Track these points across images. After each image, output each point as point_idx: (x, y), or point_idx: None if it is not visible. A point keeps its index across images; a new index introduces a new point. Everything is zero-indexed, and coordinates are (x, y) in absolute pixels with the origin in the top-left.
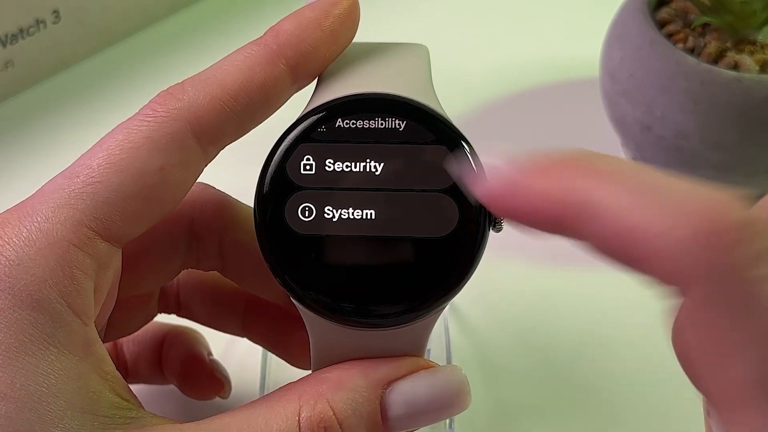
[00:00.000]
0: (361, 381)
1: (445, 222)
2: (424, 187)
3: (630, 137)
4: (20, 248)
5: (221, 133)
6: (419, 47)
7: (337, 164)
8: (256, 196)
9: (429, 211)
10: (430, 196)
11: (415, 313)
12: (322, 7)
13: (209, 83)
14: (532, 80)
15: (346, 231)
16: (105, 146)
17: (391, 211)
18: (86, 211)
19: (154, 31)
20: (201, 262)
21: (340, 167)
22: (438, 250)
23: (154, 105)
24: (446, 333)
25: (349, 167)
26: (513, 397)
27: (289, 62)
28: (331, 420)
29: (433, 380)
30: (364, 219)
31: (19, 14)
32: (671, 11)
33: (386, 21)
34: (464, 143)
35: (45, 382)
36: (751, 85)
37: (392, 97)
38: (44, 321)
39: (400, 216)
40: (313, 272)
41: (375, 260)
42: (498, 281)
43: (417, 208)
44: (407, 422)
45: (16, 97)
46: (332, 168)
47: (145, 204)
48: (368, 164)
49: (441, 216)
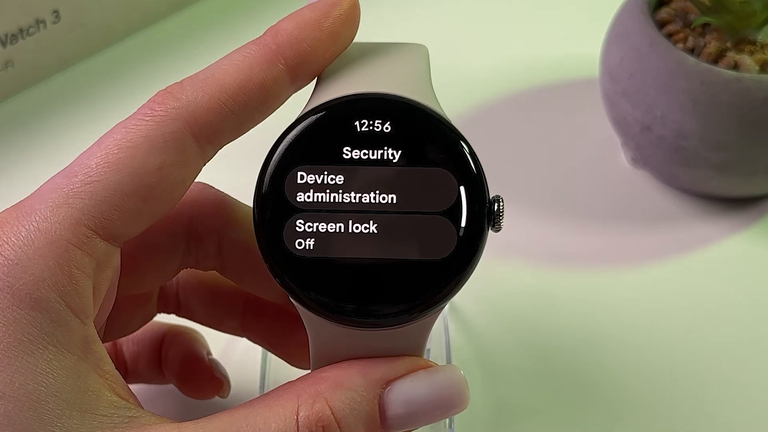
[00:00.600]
0: (359, 380)
1: (445, 242)
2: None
3: (630, 137)
4: (19, 248)
5: (220, 132)
6: (419, 47)
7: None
8: (256, 195)
9: (428, 230)
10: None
11: (414, 313)
12: (322, 8)
13: (208, 83)
14: (532, 80)
15: (345, 231)
16: (103, 145)
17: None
18: (84, 210)
19: (154, 31)
20: (200, 262)
21: (341, 166)
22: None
23: (152, 104)
24: (446, 332)
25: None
26: (512, 397)
27: (288, 62)
28: (330, 419)
29: (432, 380)
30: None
31: (19, 14)
32: (671, 11)
33: (386, 21)
34: (463, 143)
35: (44, 381)
36: (751, 85)
37: (392, 98)
38: (43, 320)
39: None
40: (312, 272)
41: (374, 260)
42: (498, 281)
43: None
44: (406, 422)
45: (16, 97)
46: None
47: (143, 203)
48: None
49: (440, 235)
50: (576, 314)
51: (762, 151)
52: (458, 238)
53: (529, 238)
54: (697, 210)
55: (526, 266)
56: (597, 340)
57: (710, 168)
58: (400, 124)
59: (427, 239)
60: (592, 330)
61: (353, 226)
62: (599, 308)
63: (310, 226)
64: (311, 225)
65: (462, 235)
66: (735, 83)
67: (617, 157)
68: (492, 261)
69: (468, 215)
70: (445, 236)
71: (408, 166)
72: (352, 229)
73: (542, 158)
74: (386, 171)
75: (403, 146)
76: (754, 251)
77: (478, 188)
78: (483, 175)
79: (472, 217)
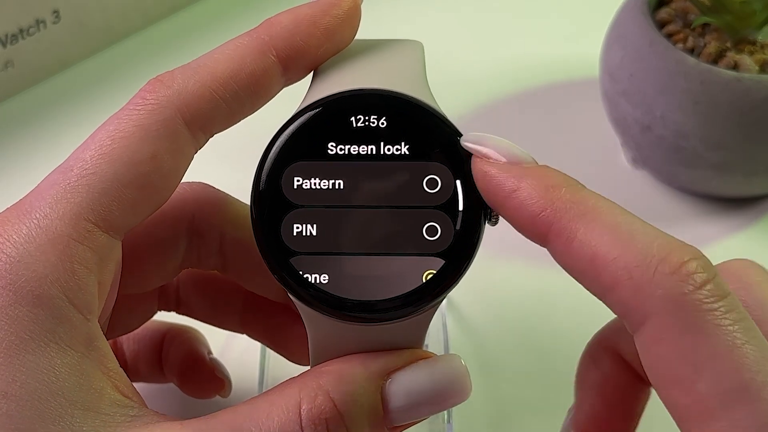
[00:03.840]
0: (361, 373)
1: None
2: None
3: (630, 137)
4: (21, 245)
5: (211, 120)
6: (414, 43)
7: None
8: (253, 193)
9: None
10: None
11: (412, 307)
12: (320, 6)
13: (199, 71)
14: (532, 80)
15: (343, 227)
16: (97, 138)
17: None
18: (83, 203)
19: (154, 31)
20: (201, 261)
21: (338, 162)
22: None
23: (144, 93)
24: (444, 329)
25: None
26: (511, 395)
27: (279, 54)
28: (332, 412)
29: (432, 369)
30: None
31: (19, 14)
32: (671, 11)
33: (386, 21)
34: (459, 138)
35: (46, 380)
36: (751, 85)
37: (388, 93)
38: (45, 317)
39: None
40: (309, 268)
41: (372, 254)
42: (498, 281)
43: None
44: (408, 412)
45: (16, 97)
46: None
47: (140, 192)
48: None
49: (437, 229)
50: (574, 312)
51: (762, 151)
52: (455, 231)
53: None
54: (697, 210)
55: (524, 264)
56: None
57: (710, 168)
58: (396, 119)
59: (424, 233)
60: (590, 328)
61: (350, 222)
62: (597, 306)
63: (307, 223)
64: (309, 221)
65: (459, 229)
66: (735, 83)
67: (617, 157)
68: (490, 259)
69: (465, 209)
70: (443, 230)
71: (404, 161)
72: (349, 224)
73: (542, 158)
74: (382, 166)
75: (399, 141)
76: (754, 251)
77: (474, 182)
78: None
79: (468, 211)
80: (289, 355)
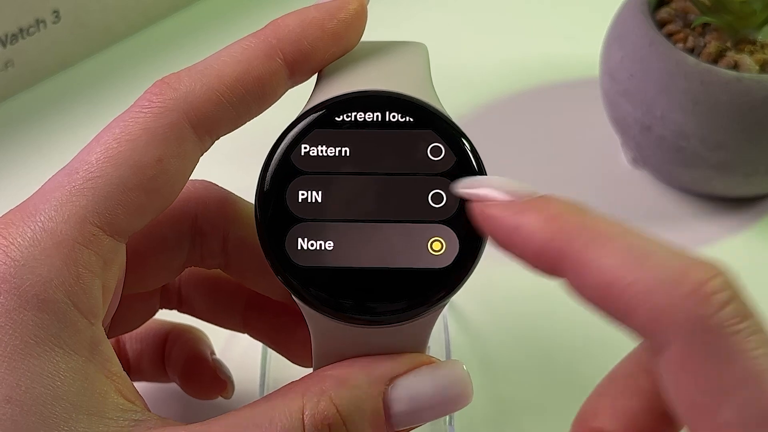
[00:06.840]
0: (363, 378)
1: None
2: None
3: (630, 137)
4: (25, 248)
5: (217, 123)
6: (418, 45)
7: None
8: (257, 193)
9: None
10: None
11: (415, 310)
12: (327, 9)
13: (206, 73)
14: (532, 80)
15: (348, 228)
16: (102, 141)
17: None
18: (88, 207)
19: (154, 31)
20: (205, 260)
21: (342, 164)
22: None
23: (150, 95)
24: (445, 331)
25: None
26: (512, 396)
27: (286, 58)
28: (335, 417)
29: (434, 375)
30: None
31: (19, 14)
32: (671, 11)
33: (386, 21)
34: (464, 140)
35: (50, 384)
36: (751, 85)
37: (392, 95)
38: (49, 321)
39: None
40: (313, 270)
41: (376, 257)
42: (498, 281)
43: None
44: (410, 418)
45: (16, 97)
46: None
47: (145, 196)
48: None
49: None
50: (575, 313)
51: (762, 151)
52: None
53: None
54: (697, 210)
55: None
56: (596, 338)
57: (710, 168)
58: None
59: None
60: (591, 328)
61: (355, 226)
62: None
63: (311, 225)
64: (313, 224)
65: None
66: (735, 83)
67: (617, 157)
68: (492, 260)
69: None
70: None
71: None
72: (354, 229)
73: (542, 158)
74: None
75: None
76: (754, 251)
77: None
78: (484, 171)
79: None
80: (291, 356)
